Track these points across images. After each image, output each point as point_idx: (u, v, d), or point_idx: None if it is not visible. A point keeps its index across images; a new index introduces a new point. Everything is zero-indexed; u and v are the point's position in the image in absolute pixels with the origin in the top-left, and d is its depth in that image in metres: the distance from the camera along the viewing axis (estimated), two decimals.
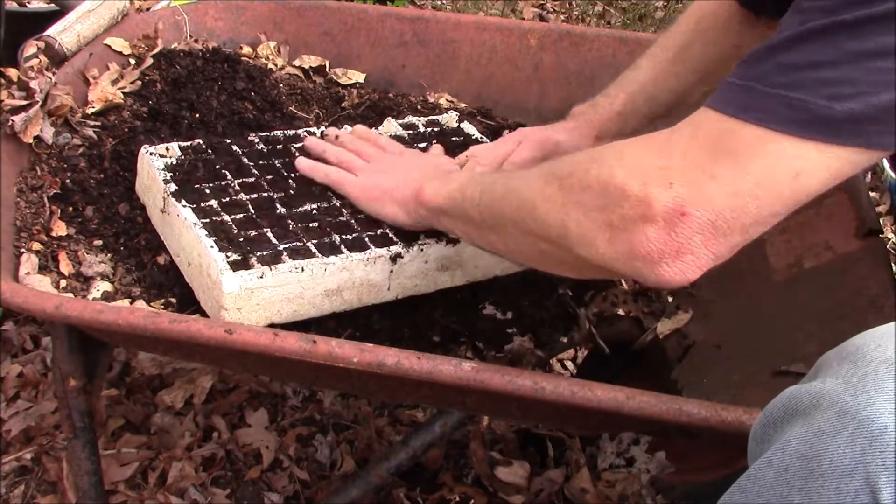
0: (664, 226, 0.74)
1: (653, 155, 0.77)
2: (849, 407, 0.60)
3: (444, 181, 1.01)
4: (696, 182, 0.73)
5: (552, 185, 0.83)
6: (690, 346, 1.16)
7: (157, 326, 0.88)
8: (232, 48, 1.50)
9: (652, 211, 0.74)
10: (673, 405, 0.85)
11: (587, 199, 0.79)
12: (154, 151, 1.13)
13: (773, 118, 0.72)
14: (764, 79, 0.73)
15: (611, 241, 0.77)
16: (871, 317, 1.04)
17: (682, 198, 0.73)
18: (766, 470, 0.65)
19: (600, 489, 1.32)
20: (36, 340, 1.68)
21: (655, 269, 0.75)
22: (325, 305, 1.03)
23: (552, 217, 0.82)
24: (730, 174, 0.73)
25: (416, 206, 1.03)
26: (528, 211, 0.85)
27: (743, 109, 0.73)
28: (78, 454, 1.14)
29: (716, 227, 0.74)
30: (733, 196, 0.73)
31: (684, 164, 0.74)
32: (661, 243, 0.74)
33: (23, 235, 1.10)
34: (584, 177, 0.80)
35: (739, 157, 0.73)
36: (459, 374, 0.86)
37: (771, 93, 0.72)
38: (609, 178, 0.77)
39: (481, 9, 3.23)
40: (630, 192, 0.75)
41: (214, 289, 0.97)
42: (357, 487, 1.20)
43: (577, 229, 0.80)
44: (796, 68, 0.72)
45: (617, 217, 0.76)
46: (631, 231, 0.75)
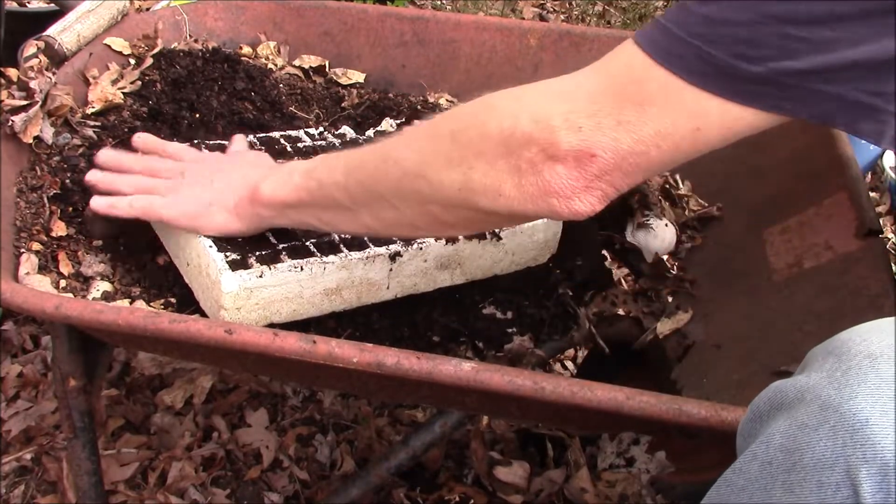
0: (574, 164, 0.76)
1: (559, 99, 0.77)
2: (831, 400, 0.60)
3: (282, 175, 0.97)
4: (603, 127, 0.75)
5: (444, 142, 0.82)
6: (690, 346, 1.16)
7: (157, 326, 0.88)
8: (232, 48, 1.50)
9: (560, 152, 0.76)
10: (673, 405, 0.85)
11: (489, 149, 0.79)
12: None
13: (683, 67, 0.73)
14: (686, 26, 0.74)
15: (519, 184, 0.78)
16: (870, 317, 1.03)
17: (590, 140, 0.75)
18: (751, 463, 0.65)
19: (600, 489, 1.32)
20: (36, 340, 1.68)
21: (567, 202, 0.77)
22: (324, 305, 1.03)
23: (450, 175, 0.81)
24: (635, 122, 0.75)
25: (254, 207, 0.98)
26: (418, 176, 0.84)
27: (659, 52, 0.75)
28: (78, 454, 1.14)
29: (620, 169, 0.76)
30: (637, 143, 0.75)
31: (593, 108, 0.76)
32: (572, 180, 0.76)
33: (23, 235, 1.10)
34: (483, 128, 0.79)
35: (645, 107, 0.74)
36: (459, 374, 0.86)
37: (687, 41, 0.73)
38: (513, 126, 0.77)
39: (481, 9, 3.23)
40: (538, 137, 0.76)
41: (213, 288, 0.97)
42: (357, 487, 1.20)
43: (481, 180, 0.80)
44: (714, 22, 0.72)
45: (525, 161, 0.77)
46: (541, 171, 0.77)
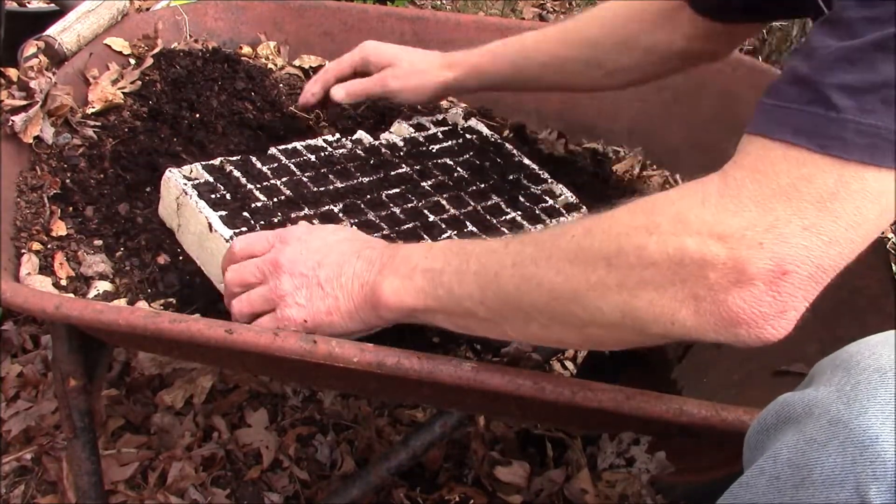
0: (765, 289, 0.67)
1: (721, 211, 0.69)
2: (840, 416, 0.59)
3: (400, 275, 0.87)
4: (789, 237, 0.67)
5: (597, 269, 0.74)
6: (690, 346, 1.16)
7: (157, 326, 0.88)
8: (232, 48, 1.50)
9: (747, 276, 0.67)
10: (673, 405, 0.85)
11: (656, 277, 0.71)
12: (181, 174, 1.10)
13: (847, 148, 0.66)
14: (825, 102, 0.67)
15: (698, 313, 0.69)
16: (871, 317, 1.04)
17: (780, 257, 0.67)
18: (759, 478, 0.64)
19: (600, 489, 1.32)
20: (36, 340, 1.68)
21: (758, 331, 0.69)
22: None
23: (609, 303, 0.74)
24: (822, 222, 0.67)
25: (377, 313, 0.88)
26: (571, 301, 0.76)
27: (811, 138, 0.67)
28: (78, 454, 1.14)
29: (817, 279, 0.68)
30: (831, 245, 0.67)
31: (769, 219, 0.67)
32: (765, 306, 0.68)
33: (23, 235, 1.10)
34: (643, 252, 0.71)
35: (827, 202, 0.67)
36: (459, 374, 0.86)
37: (838, 118, 0.66)
38: (680, 250, 0.69)
39: (481, 9, 3.23)
40: (715, 261, 0.68)
41: None
42: (357, 487, 1.20)
43: (650, 309, 0.72)
44: (860, 90, 0.66)
45: (703, 289, 0.69)
46: (725, 300, 0.68)
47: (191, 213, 1.06)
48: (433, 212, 1.14)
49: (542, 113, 1.49)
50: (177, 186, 1.08)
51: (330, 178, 1.17)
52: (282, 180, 1.14)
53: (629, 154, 1.45)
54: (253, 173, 1.14)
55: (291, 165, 1.17)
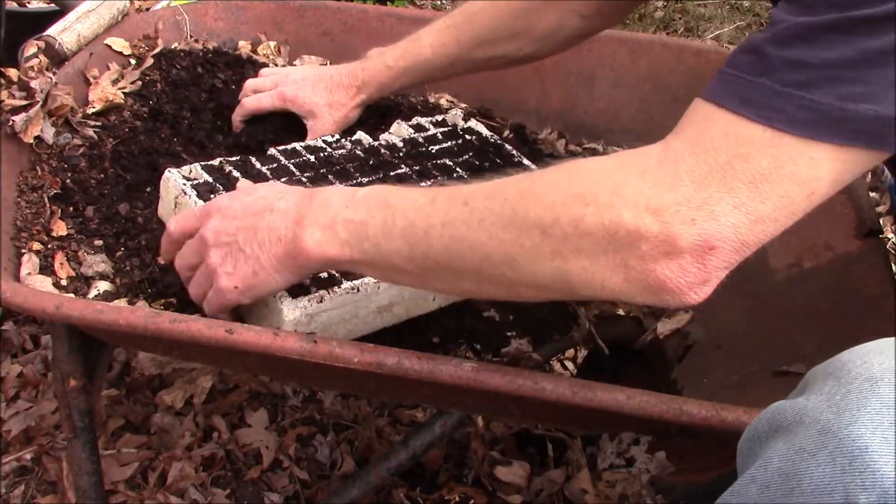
0: (692, 261, 0.71)
1: (658, 184, 0.72)
2: (830, 425, 0.59)
3: (321, 225, 0.87)
4: (719, 215, 0.70)
5: (531, 235, 0.76)
6: (690, 346, 1.16)
7: (157, 326, 0.88)
8: (232, 48, 1.50)
9: (676, 248, 0.71)
10: (673, 405, 0.85)
11: (589, 245, 0.73)
12: (180, 175, 1.10)
13: (787, 120, 0.69)
14: (775, 75, 0.69)
15: (627, 280, 0.73)
16: (870, 317, 1.04)
17: (709, 233, 0.70)
18: (749, 486, 0.64)
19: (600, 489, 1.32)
20: (36, 340, 1.68)
21: (682, 297, 0.73)
22: (377, 322, 1.02)
23: (542, 267, 0.76)
24: (752, 202, 0.70)
25: (298, 262, 0.88)
26: (500, 264, 0.78)
27: (755, 108, 0.70)
28: (78, 454, 1.14)
29: (740, 252, 0.72)
30: (757, 223, 0.71)
31: (703, 196, 0.70)
32: (689, 276, 0.71)
33: (23, 235, 1.10)
34: (579, 222, 0.73)
35: (759, 184, 0.70)
36: (459, 374, 0.86)
37: (783, 91, 0.69)
38: (616, 222, 0.72)
39: None
40: (648, 234, 0.71)
41: (273, 316, 0.96)
42: (357, 487, 1.20)
43: (581, 275, 0.75)
44: (810, 66, 0.68)
45: (634, 258, 0.72)
46: (654, 269, 0.72)
47: None
48: None
49: (542, 113, 1.49)
50: (176, 186, 1.08)
51: (329, 178, 1.16)
52: (281, 181, 1.14)
53: None
54: (252, 174, 1.13)
55: (290, 166, 1.17)
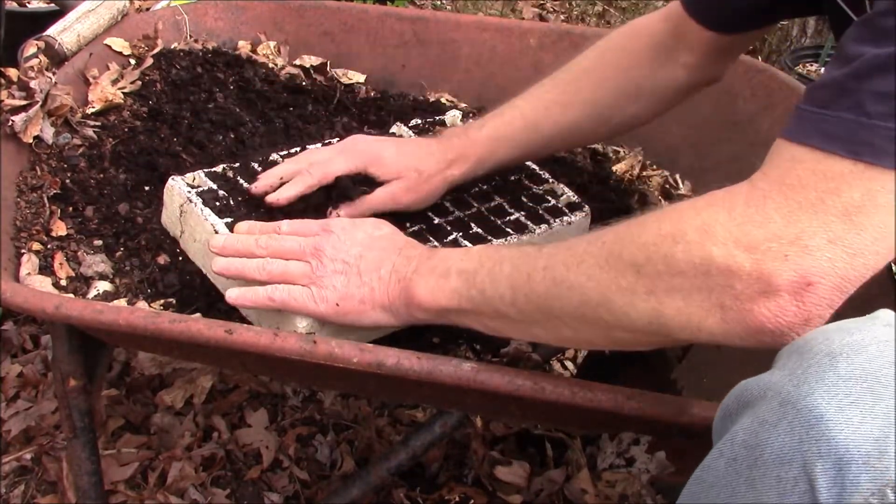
0: (790, 299, 0.69)
1: (747, 222, 0.70)
2: (790, 397, 0.61)
3: (436, 274, 0.90)
4: (814, 250, 0.68)
5: (626, 275, 0.76)
6: (690, 346, 1.16)
7: (157, 326, 0.88)
8: (232, 48, 1.50)
9: (773, 287, 0.68)
10: (673, 405, 0.85)
11: (683, 285, 0.72)
12: (184, 182, 1.09)
13: (876, 153, 0.66)
14: (858, 108, 0.67)
15: (725, 321, 0.71)
16: None
17: (804, 269, 0.68)
18: (718, 460, 0.66)
19: (600, 489, 1.32)
20: (36, 340, 1.68)
21: (783, 339, 0.70)
22: (386, 326, 1.02)
23: (638, 309, 0.75)
24: (847, 235, 0.68)
25: (409, 309, 0.91)
26: (599, 305, 0.78)
27: (842, 144, 0.68)
28: (78, 454, 1.14)
29: (841, 289, 0.69)
30: (855, 257, 0.68)
31: (795, 231, 0.68)
32: (789, 316, 0.69)
33: (23, 235, 1.10)
34: (671, 261, 0.73)
35: (853, 216, 0.67)
36: (459, 374, 0.86)
37: (870, 124, 0.66)
38: (707, 259, 0.71)
39: (481, 9, 3.23)
40: (740, 271, 0.69)
41: (285, 323, 0.96)
42: (357, 487, 1.20)
43: (677, 317, 0.73)
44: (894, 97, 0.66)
45: (729, 298, 0.70)
46: (751, 310, 0.70)
47: (196, 221, 1.06)
48: (437, 214, 1.14)
49: None
50: (181, 194, 1.08)
51: None
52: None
53: (629, 154, 1.45)
54: (256, 179, 1.13)
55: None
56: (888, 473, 0.57)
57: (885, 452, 0.57)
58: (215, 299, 1.06)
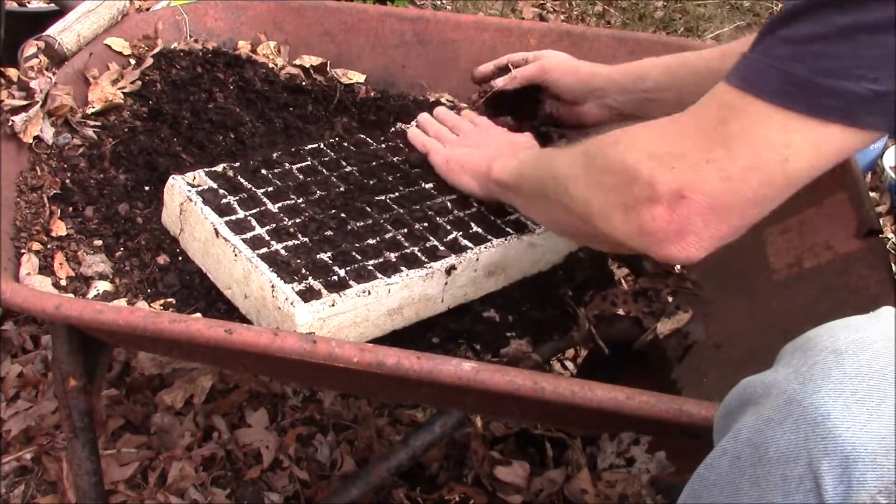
0: (667, 207, 0.77)
1: (661, 138, 0.80)
2: (795, 395, 0.62)
3: (510, 158, 1.08)
4: (693, 166, 0.76)
5: (580, 164, 0.89)
6: (690, 346, 1.16)
7: (157, 326, 0.88)
8: (232, 48, 1.50)
9: (656, 193, 0.77)
10: (673, 405, 0.85)
11: (606, 180, 0.84)
12: (184, 181, 1.10)
13: (765, 90, 0.73)
14: (767, 50, 0.74)
15: (625, 219, 0.81)
16: None
17: (681, 181, 0.76)
18: (721, 458, 0.66)
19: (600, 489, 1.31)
20: (36, 340, 1.68)
21: (661, 246, 0.79)
22: (387, 325, 1.03)
23: (579, 194, 0.88)
24: (723, 158, 0.75)
25: (487, 180, 1.11)
26: (562, 187, 0.92)
27: (744, 80, 0.75)
28: (78, 454, 1.14)
29: (713, 210, 0.76)
30: (726, 180, 0.75)
31: (686, 148, 0.77)
32: (664, 223, 0.78)
33: (23, 235, 1.10)
34: (605, 159, 0.85)
35: (732, 142, 0.75)
36: (459, 374, 0.86)
37: (769, 64, 0.74)
38: (622, 161, 0.82)
39: (481, 9, 3.23)
40: (639, 175, 0.79)
41: (285, 321, 0.96)
42: (357, 487, 1.20)
43: (598, 207, 0.85)
44: (793, 40, 0.73)
45: (629, 198, 0.80)
46: (640, 211, 0.79)
47: (196, 220, 1.06)
48: (438, 214, 1.14)
49: None
50: (181, 193, 1.08)
51: (333, 181, 1.16)
52: (286, 184, 1.14)
53: None
54: (256, 178, 1.13)
55: (294, 169, 1.17)
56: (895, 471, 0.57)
57: (892, 450, 0.57)
58: (215, 299, 1.06)
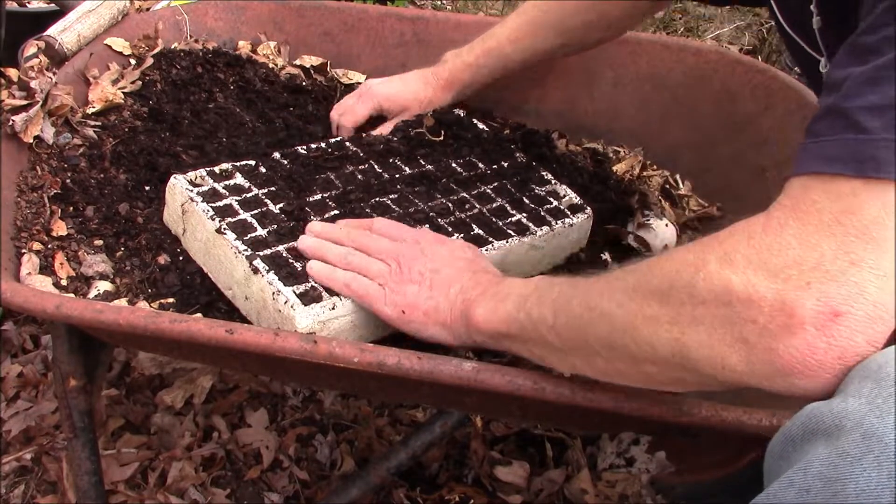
0: (817, 333, 0.63)
1: (765, 249, 0.67)
2: (874, 429, 0.58)
3: (496, 298, 0.91)
4: (837, 275, 0.63)
5: (651, 304, 0.73)
6: None
7: (157, 326, 0.88)
8: (232, 48, 1.50)
9: (797, 319, 0.63)
10: (673, 405, 0.85)
11: (706, 316, 0.69)
12: (186, 181, 1.10)
13: (880, 166, 0.64)
14: (855, 127, 0.65)
15: (749, 359, 0.66)
16: None
17: (829, 296, 0.63)
18: (787, 490, 0.62)
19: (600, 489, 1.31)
20: (36, 340, 1.68)
21: (816, 381, 0.65)
22: (387, 328, 1.02)
23: (661, 339, 0.72)
24: (871, 255, 0.63)
25: (468, 330, 0.93)
26: (625, 334, 0.76)
27: (845, 164, 0.65)
28: (78, 454, 1.14)
29: (877, 319, 0.63)
30: (884, 278, 0.63)
31: (815, 255, 0.64)
32: (819, 354, 0.64)
33: (23, 235, 1.10)
34: (693, 290, 0.70)
35: (873, 232, 0.63)
36: (459, 374, 0.86)
37: (869, 139, 0.64)
38: (727, 288, 0.67)
39: (481, 9, 3.23)
40: (761, 302, 0.65)
41: (285, 324, 0.96)
42: (357, 487, 1.20)
43: (700, 349, 0.69)
44: (887, 107, 0.64)
45: (753, 333, 0.66)
46: (775, 347, 0.64)
47: (197, 220, 1.06)
48: (440, 215, 1.14)
49: (542, 113, 1.49)
50: (182, 193, 1.08)
51: (333, 181, 1.17)
52: (286, 185, 1.14)
53: (629, 154, 1.45)
54: (258, 179, 1.13)
55: (295, 170, 1.17)
56: None
57: None
58: (215, 299, 1.06)
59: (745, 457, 1.06)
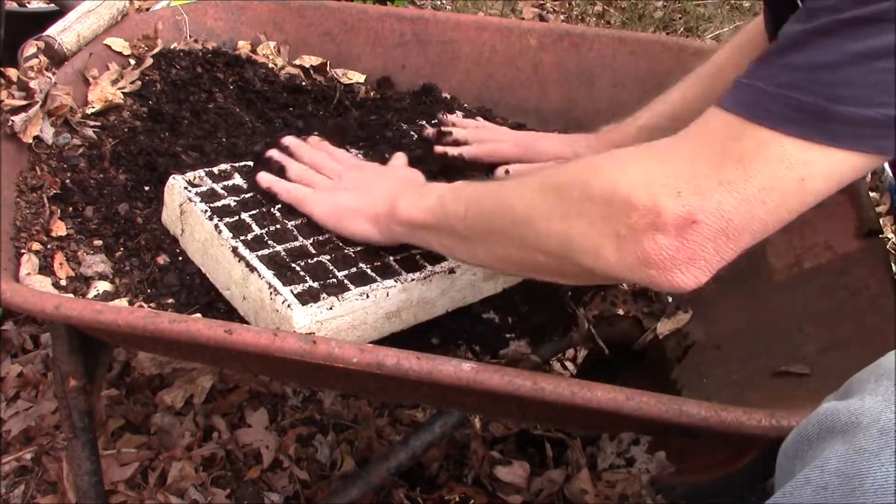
0: (675, 234, 0.74)
1: (656, 163, 0.77)
2: (891, 425, 0.59)
3: (420, 195, 0.99)
4: (703, 190, 0.73)
5: (550, 197, 0.83)
6: (690, 346, 1.16)
7: (157, 326, 0.88)
8: (232, 48, 1.50)
9: (662, 220, 0.74)
10: (673, 405, 0.85)
11: (591, 210, 0.78)
12: (184, 181, 1.10)
13: (775, 119, 0.72)
14: (769, 79, 0.73)
15: (619, 250, 0.77)
16: (870, 317, 1.04)
17: (692, 206, 0.73)
18: (804, 488, 0.63)
19: (600, 489, 1.32)
20: (36, 340, 1.68)
21: (668, 275, 0.75)
22: (385, 328, 1.03)
23: (553, 229, 0.82)
24: (736, 180, 0.73)
25: (390, 221, 1.01)
26: (524, 224, 0.85)
27: (747, 108, 0.74)
28: (78, 454, 1.14)
29: (726, 233, 0.74)
30: (741, 202, 0.73)
31: (691, 171, 0.74)
32: (673, 251, 0.74)
33: (23, 235, 1.10)
34: (586, 188, 0.79)
35: (745, 163, 0.73)
36: (459, 375, 0.86)
37: (774, 92, 0.72)
38: (613, 189, 0.77)
39: (481, 9, 3.23)
40: (637, 203, 0.75)
41: (283, 324, 0.96)
42: (357, 487, 1.20)
43: (581, 240, 0.79)
44: (800, 69, 0.72)
45: (625, 227, 0.76)
46: (641, 240, 0.75)
47: (195, 221, 1.06)
48: None
49: (542, 113, 1.49)
50: (181, 193, 1.08)
51: None
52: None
53: None
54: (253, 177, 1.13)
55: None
56: None
57: None
58: (215, 299, 1.06)
59: (745, 457, 1.06)
